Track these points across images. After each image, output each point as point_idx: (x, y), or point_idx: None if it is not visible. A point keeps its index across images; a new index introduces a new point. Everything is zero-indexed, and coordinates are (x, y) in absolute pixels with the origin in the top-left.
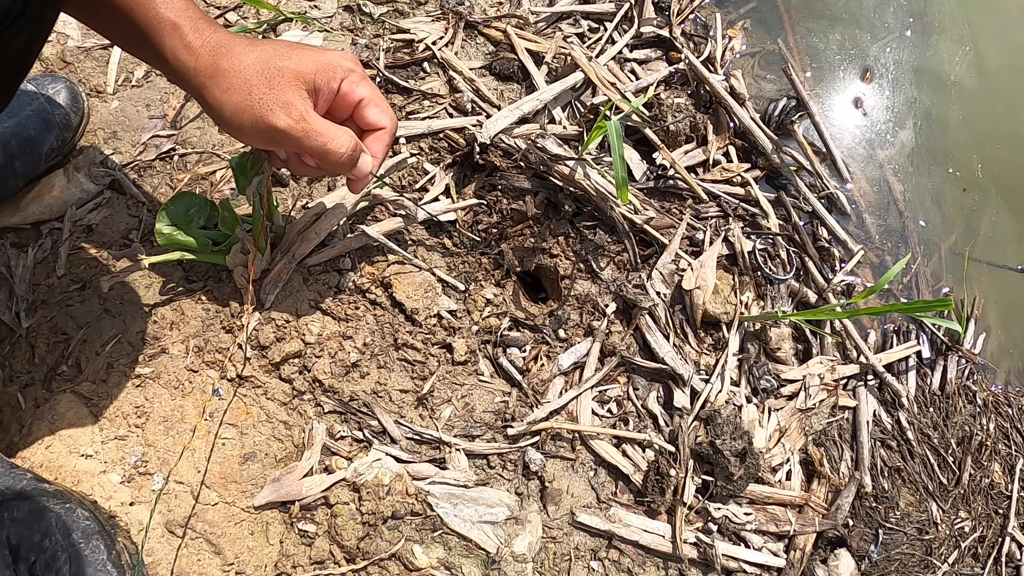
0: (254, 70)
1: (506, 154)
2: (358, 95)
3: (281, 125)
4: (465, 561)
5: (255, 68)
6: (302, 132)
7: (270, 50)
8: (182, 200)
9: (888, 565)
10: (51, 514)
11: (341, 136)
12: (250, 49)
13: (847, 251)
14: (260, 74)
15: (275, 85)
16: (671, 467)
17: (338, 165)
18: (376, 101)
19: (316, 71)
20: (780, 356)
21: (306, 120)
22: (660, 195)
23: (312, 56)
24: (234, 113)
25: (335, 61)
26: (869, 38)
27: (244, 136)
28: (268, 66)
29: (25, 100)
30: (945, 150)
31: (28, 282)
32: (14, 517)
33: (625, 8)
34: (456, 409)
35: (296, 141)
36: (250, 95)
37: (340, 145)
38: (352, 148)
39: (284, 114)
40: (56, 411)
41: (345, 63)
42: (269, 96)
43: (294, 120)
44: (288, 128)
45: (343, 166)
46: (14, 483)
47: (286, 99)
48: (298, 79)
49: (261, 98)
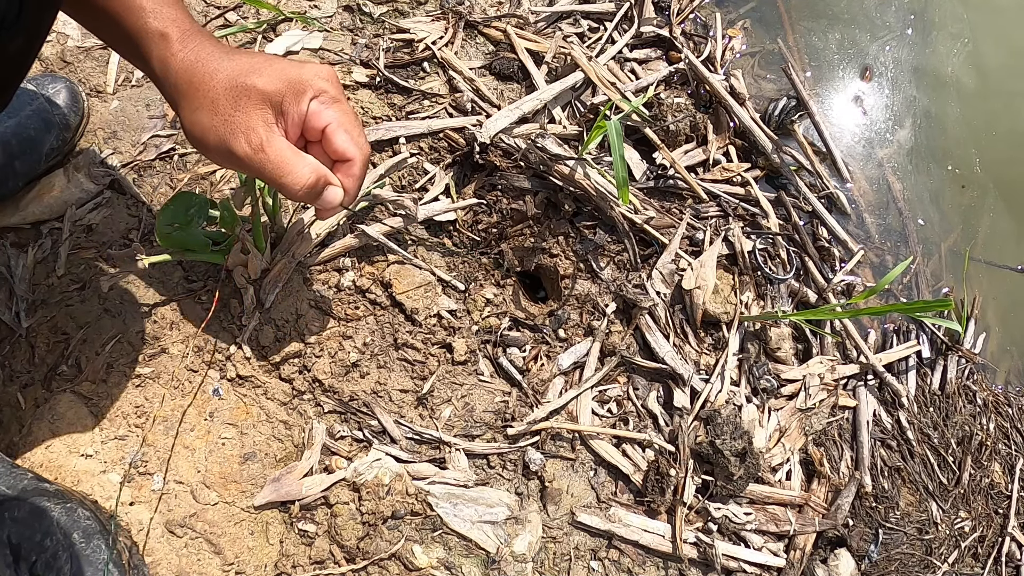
0: (222, 88)
1: (506, 154)
2: (326, 119)
3: (239, 152)
4: (465, 561)
5: (223, 86)
6: (258, 162)
7: (243, 65)
8: (182, 200)
9: (888, 565)
10: (52, 514)
11: (300, 169)
12: (223, 64)
13: (847, 251)
14: (227, 93)
15: (240, 106)
16: (671, 467)
17: (297, 198)
18: (346, 126)
19: (285, 91)
20: (780, 356)
21: (264, 150)
22: (660, 195)
23: (283, 74)
24: (201, 134)
25: (306, 79)
26: (868, 37)
27: (211, 157)
28: (236, 84)
29: (25, 100)
30: (944, 149)
31: (28, 282)
32: (15, 517)
33: (625, 8)
34: (456, 409)
35: (253, 170)
36: (215, 115)
37: (296, 180)
38: (311, 183)
39: (244, 140)
40: (56, 411)
41: (318, 82)
42: (233, 118)
43: (252, 148)
44: (245, 156)
45: (304, 199)
46: (15, 483)
47: (249, 123)
48: (264, 100)
49: (225, 120)
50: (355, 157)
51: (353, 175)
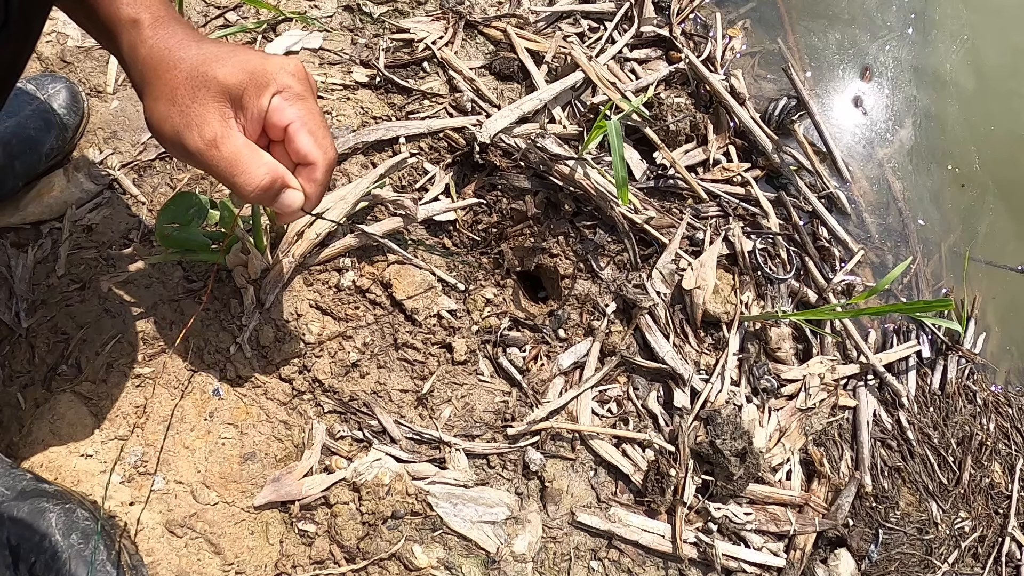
0: (183, 77)
1: (506, 154)
2: (288, 117)
3: (191, 146)
4: (465, 561)
5: (184, 75)
6: (210, 158)
7: (207, 53)
8: (182, 200)
9: (888, 565)
10: (51, 514)
11: (255, 169)
12: (189, 52)
13: (847, 251)
14: (187, 82)
15: (198, 97)
16: (671, 467)
17: (250, 200)
18: (310, 127)
19: (245, 84)
20: (780, 356)
21: (217, 145)
22: (660, 195)
23: (246, 65)
24: (158, 123)
25: (270, 72)
26: (868, 37)
27: (167, 149)
28: (196, 73)
29: (25, 100)
30: (944, 148)
31: (28, 282)
32: (14, 517)
33: (625, 8)
34: (456, 409)
35: (205, 166)
36: (173, 105)
37: (249, 180)
38: (264, 184)
39: (197, 134)
40: (56, 411)
41: (282, 76)
42: (190, 110)
43: (205, 143)
44: (196, 150)
45: (259, 201)
46: (14, 483)
47: (204, 116)
48: (223, 93)
49: (182, 111)
50: (317, 160)
51: (315, 180)
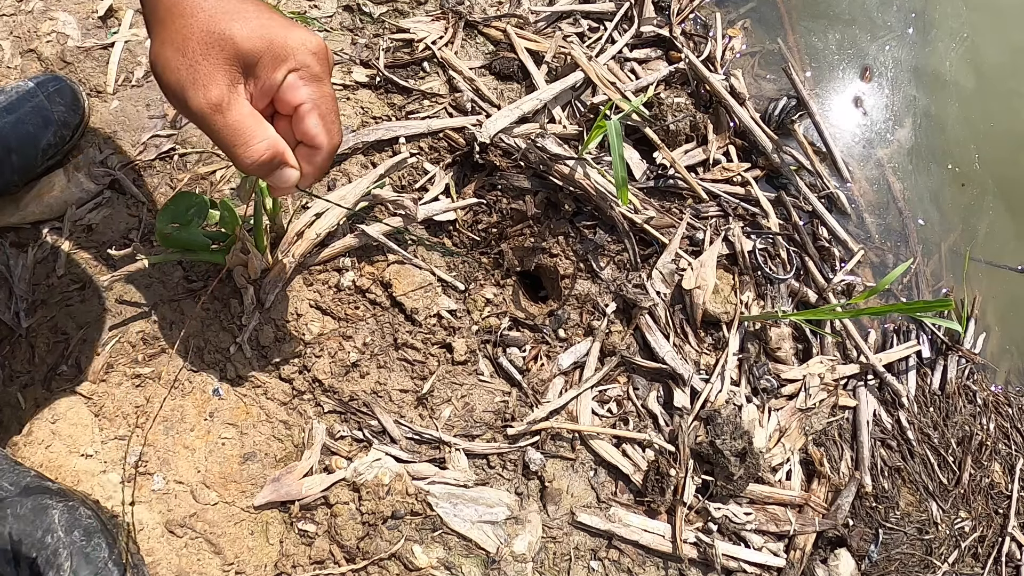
0: (198, 28)
1: (506, 153)
2: (300, 97)
3: (193, 104)
4: (465, 561)
5: (200, 25)
6: (212, 122)
7: (231, 6)
8: (182, 200)
9: (888, 565)
10: (54, 511)
11: (256, 142)
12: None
13: (847, 251)
14: (201, 35)
15: (210, 55)
16: (671, 467)
17: (246, 171)
18: (322, 110)
19: (262, 53)
20: (780, 356)
21: (222, 110)
22: (660, 195)
23: (266, 32)
24: (162, 69)
25: (291, 47)
26: (868, 37)
27: (167, 96)
28: (213, 28)
29: (25, 98)
30: (944, 148)
31: (28, 282)
32: (17, 514)
33: (625, 7)
34: (456, 409)
35: (205, 128)
36: (182, 56)
37: (249, 152)
38: (264, 159)
39: (203, 94)
40: (56, 411)
41: (302, 53)
42: (198, 66)
43: (209, 105)
44: (199, 111)
45: (254, 173)
46: (18, 479)
47: (213, 76)
48: (236, 56)
49: (191, 64)
50: (323, 145)
51: (316, 163)
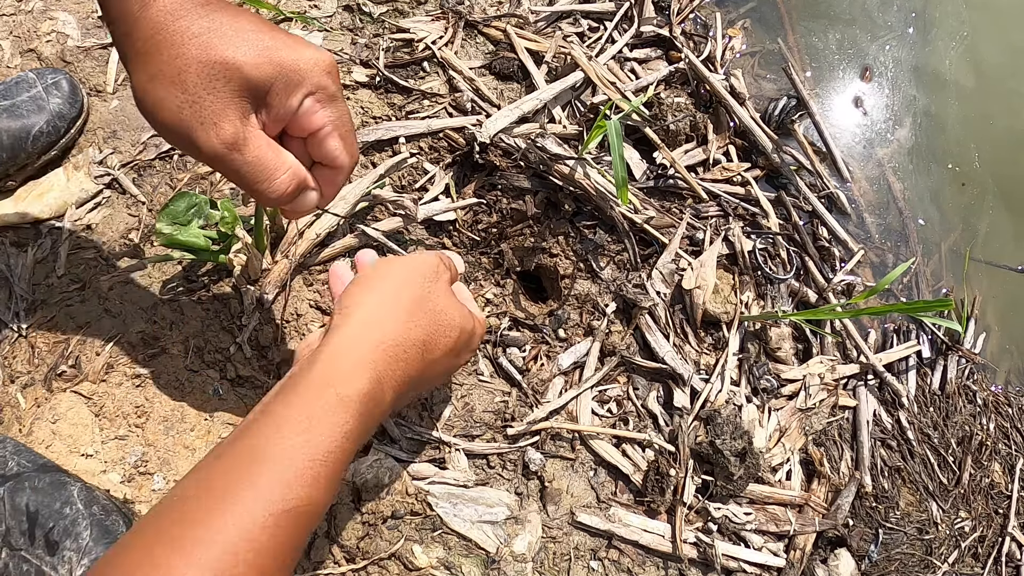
0: (193, 59)
1: (506, 153)
2: (319, 121)
3: (205, 146)
4: (465, 561)
5: (195, 55)
6: (230, 162)
7: (221, 28)
8: (182, 200)
9: (888, 565)
10: (72, 487)
11: (280, 175)
12: (198, 23)
13: (847, 251)
14: (199, 67)
15: (214, 88)
16: (671, 467)
17: (271, 203)
18: (340, 131)
19: (274, 80)
20: (780, 356)
21: (239, 148)
22: (660, 194)
23: (274, 55)
24: (157, 110)
25: (304, 69)
26: (868, 37)
27: (162, 134)
28: (212, 57)
29: (24, 87)
30: (944, 148)
31: (28, 282)
32: (35, 487)
33: (625, 7)
34: (456, 409)
35: (222, 168)
36: (181, 92)
37: (274, 187)
38: (291, 191)
39: (214, 133)
40: (56, 411)
41: (316, 75)
42: (203, 102)
43: (224, 145)
44: (213, 153)
45: (274, 204)
46: (35, 459)
47: (222, 112)
48: (244, 87)
49: (194, 102)
50: (345, 165)
51: (336, 183)
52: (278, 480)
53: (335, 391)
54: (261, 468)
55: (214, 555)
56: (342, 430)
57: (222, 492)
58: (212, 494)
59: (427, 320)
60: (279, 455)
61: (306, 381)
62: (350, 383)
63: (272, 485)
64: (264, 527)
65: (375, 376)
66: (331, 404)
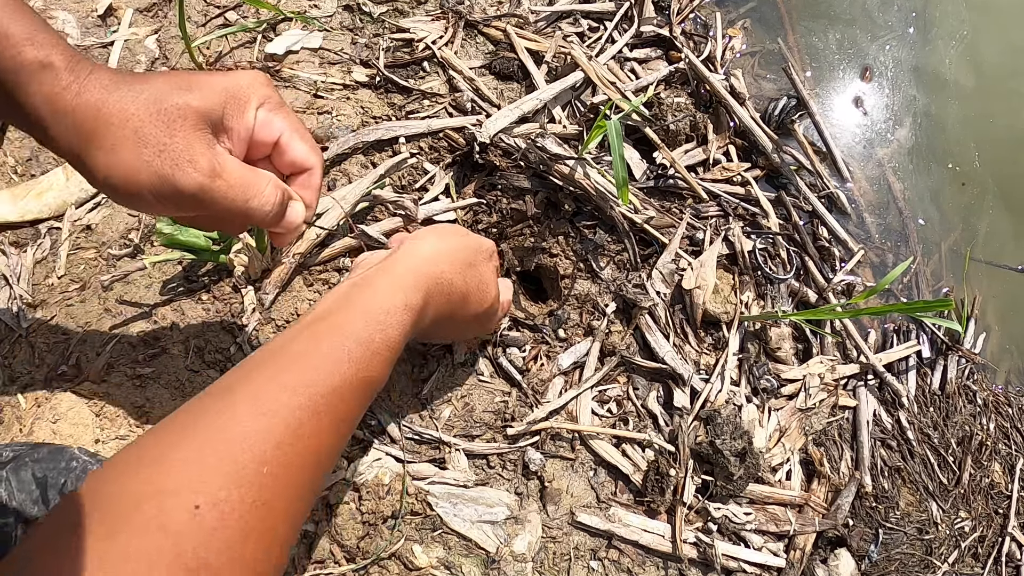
0: (146, 114)
1: (506, 153)
2: (278, 127)
3: (187, 186)
4: (465, 561)
5: (146, 112)
6: (215, 190)
7: (162, 85)
8: None
9: (888, 565)
10: (73, 449)
11: (265, 188)
12: (135, 89)
13: (847, 250)
14: (154, 118)
15: (175, 131)
16: (671, 467)
17: (265, 223)
18: (299, 133)
19: (225, 104)
20: (780, 356)
21: (220, 174)
22: (660, 194)
23: (217, 86)
24: (127, 176)
25: (245, 85)
26: (869, 37)
27: (144, 206)
28: (162, 107)
29: None
30: (944, 148)
31: (28, 282)
32: (36, 458)
33: (625, 7)
34: (456, 409)
35: (209, 203)
36: (144, 148)
37: (265, 200)
38: (279, 201)
39: (192, 169)
40: (57, 411)
41: (259, 89)
42: (171, 146)
43: (206, 176)
44: (198, 188)
45: (269, 223)
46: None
47: (193, 148)
48: (202, 119)
49: (160, 151)
50: (316, 164)
51: (313, 186)
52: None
53: (404, 296)
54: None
55: (297, 403)
56: (403, 330)
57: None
58: (294, 352)
59: (473, 280)
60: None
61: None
62: (414, 294)
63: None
64: (342, 391)
65: (426, 298)
66: (398, 306)
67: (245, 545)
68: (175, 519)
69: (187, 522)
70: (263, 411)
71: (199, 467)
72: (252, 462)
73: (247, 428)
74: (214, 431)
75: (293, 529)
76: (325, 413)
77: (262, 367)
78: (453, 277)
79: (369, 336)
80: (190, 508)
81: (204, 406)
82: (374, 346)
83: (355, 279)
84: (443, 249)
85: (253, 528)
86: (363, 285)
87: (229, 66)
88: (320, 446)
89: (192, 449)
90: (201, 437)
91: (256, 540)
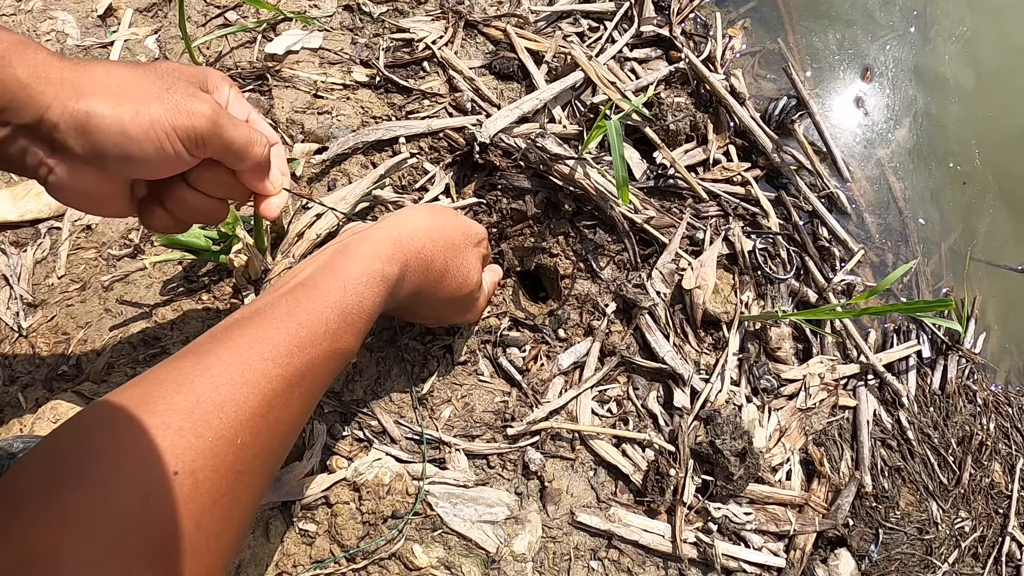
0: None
1: (506, 153)
2: (245, 108)
3: (203, 110)
4: (465, 560)
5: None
6: (224, 119)
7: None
8: None
9: (888, 565)
10: None
11: (256, 126)
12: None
13: (847, 250)
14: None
15: (174, 83)
16: (671, 467)
17: (259, 161)
18: (258, 117)
19: (204, 77)
20: (780, 356)
21: (224, 109)
22: (660, 194)
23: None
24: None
25: (210, 74)
26: (869, 37)
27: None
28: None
29: None
30: (945, 148)
31: (28, 282)
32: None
33: (625, 7)
34: (456, 409)
35: (218, 136)
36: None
37: (260, 137)
38: (274, 139)
39: (200, 100)
40: (57, 411)
41: (222, 77)
42: (174, 88)
43: (213, 107)
44: (212, 112)
45: (264, 164)
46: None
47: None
48: (191, 81)
49: (167, 88)
50: (278, 141)
51: (282, 157)
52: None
53: (381, 265)
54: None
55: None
56: (378, 300)
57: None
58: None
59: (455, 262)
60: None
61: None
62: (390, 265)
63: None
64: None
65: (403, 270)
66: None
67: (213, 512)
68: (155, 486)
69: (166, 488)
70: (241, 380)
71: (179, 435)
72: (227, 432)
73: (225, 397)
74: (194, 399)
75: (256, 498)
76: (298, 385)
77: (245, 329)
78: (434, 254)
79: (346, 306)
80: (169, 475)
81: (183, 371)
82: (350, 317)
83: (338, 245)
84: (429, 225)
85: (222, 495)
86: (344, 252)
87: (229, 66)
88: (290, 417)
89: (173, 415)
90: (182, 402)
91: (223, 508)
